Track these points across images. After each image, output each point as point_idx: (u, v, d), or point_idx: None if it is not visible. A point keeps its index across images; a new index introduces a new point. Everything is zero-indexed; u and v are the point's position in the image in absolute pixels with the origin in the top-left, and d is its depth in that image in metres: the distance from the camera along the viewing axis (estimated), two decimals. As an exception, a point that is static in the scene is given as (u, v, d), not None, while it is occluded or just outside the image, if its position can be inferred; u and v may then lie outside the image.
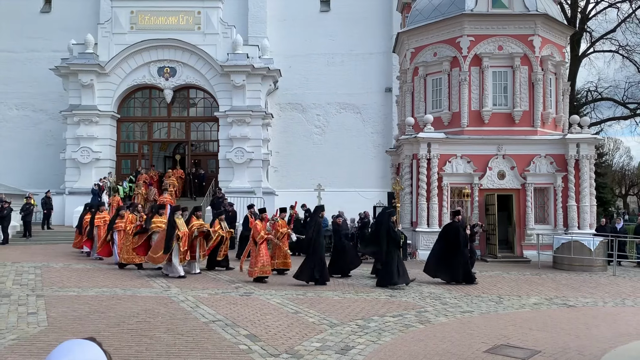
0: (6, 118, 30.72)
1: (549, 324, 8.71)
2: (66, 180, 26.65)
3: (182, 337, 7.49)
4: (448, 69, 19.57)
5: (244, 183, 26.37)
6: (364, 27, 30.44)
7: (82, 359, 1.61)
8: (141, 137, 28.67)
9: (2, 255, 16.78)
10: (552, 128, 19.87)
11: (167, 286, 11.76)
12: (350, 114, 30.63)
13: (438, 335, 7.85)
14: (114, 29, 27.02)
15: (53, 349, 1.64)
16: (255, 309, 9.50)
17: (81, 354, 1.63)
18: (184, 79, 27.27)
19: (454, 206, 18.55)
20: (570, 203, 18.63)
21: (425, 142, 18.57)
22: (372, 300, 10.53)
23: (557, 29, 20.23)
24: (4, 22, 30.65)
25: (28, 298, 10.12)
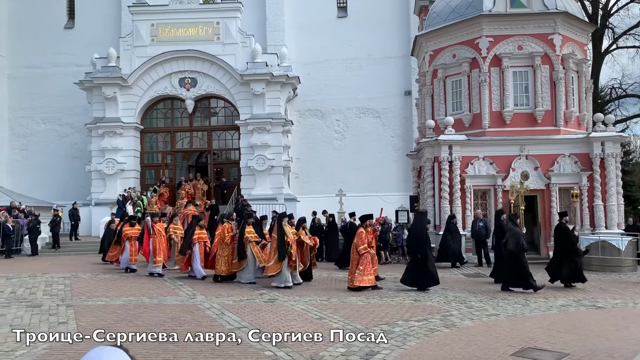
0: (34, 132, 31.49)
1: (577, 326, 8.57)
2: (92, 191, 27.17)
3: (208, 344, 7.57)
4: (467, 71, 19.45)
5: (266, 190, 26.54)
6: (381, 32, 30.44)
7: None
8: (164, 148, 29.09)
9: (32, 266, 17.16)
10: (575, 127, 19.57)
11: (193, 294, 11.90)
12: (370, 118, 30.61)
13: (464, 339, 7.79)
14: (135, 42, 27.52)
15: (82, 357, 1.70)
16: (279, 315, 9.55)
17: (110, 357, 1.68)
18: (204, 89, 27.62)
19: (477, 208, 18.38)
20: (596, 202, 18.30)
21: (446, 145, 18.46)
22: (396, 305, 10.50)
23: (578, 27, 19.96)
24: (30, 40, 31.48)
25: (58, 308, 10.35)
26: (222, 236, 13.82)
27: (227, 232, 13.77)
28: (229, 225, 13.96)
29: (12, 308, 10.36)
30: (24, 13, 31.79)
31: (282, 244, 12.55)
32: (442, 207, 18.44)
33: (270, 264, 12.69)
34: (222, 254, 13.78)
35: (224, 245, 13.78)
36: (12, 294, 12.01)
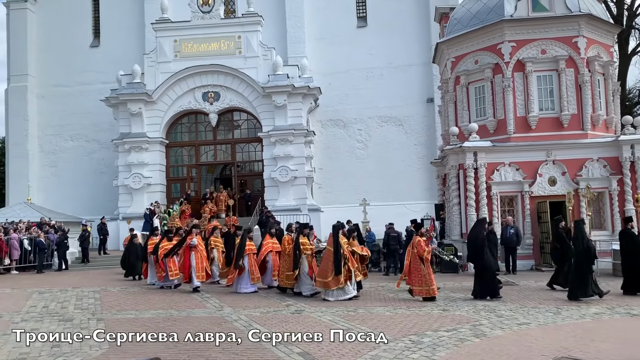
0: (62, 149, 32.24)
1: (612, 334, 8.35)
2: (120, 206, 27.63)
3: (237, 356, 7.59)
4: (490, 76, 19.28)
5: (290, 201, 26.62)
6: (401, 40, 30.44)
7: None
8: (189, 161, 29.47)
9: (63, 281, 17.48)
10: (603, 130, 19.20)
11: (220, 306, 11.96)
12: (392, 126, 30.54)
13: (495, 349, 7.65)
14: (159, 58, 28.04)
15: None
16: (307, 326, 9.52)
17: None
18: (227, 102, 27.94)
19: (504, 215, 18.12)
20: (627, 207, 17.87)
21: (471, 152, 18.28)
22: (424, 315, 10.38)
23: (603, 28, 19.64)
24: (57, 59, 32.33)
25: (89, 321, 10.50)
26: (284, 248, 13.68)
27: (288, 243, 13.57)
28: (288, 237, 13.77)
29: (45, 322, 10.54)
30: (51, 33, 32.69)
31: (338, 258, 12.07)
32: (468, 215, 18.22)
33: (329, 279, 12.15)
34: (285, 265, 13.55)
35: (286, 256, 13.54)
36: (45, 308, 12.24)
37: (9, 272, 20.01)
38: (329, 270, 12.17)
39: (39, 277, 19.02)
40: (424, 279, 11.98)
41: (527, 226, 17.96)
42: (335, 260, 12.11)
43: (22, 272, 20.25)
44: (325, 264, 12.47)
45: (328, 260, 12.35)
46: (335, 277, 12.07)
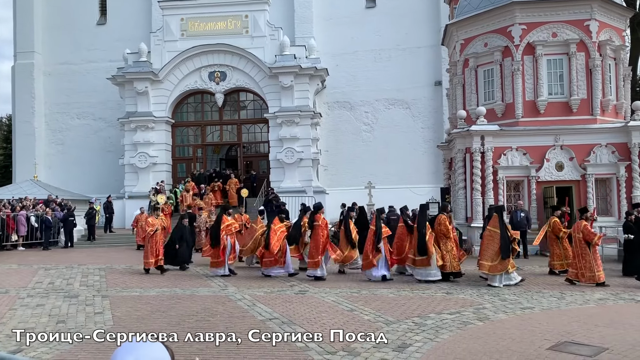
0: (69, 127, 32.27)
1: (616, 320, 8.33)
2: (125, 184, 27.72)
3: (241, 335, 7.62)
4: (500, 59, 19.03)
5: (295, 183, 26.61)
6: (410, 21, 30.06)
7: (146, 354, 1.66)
8: (195, 141, 29.44)
9: (69, 258, 17.63)
10: (612, 116, 18.97)
11: (225, 285, 12.02)
12: (399, 109, 30.32)
13: (498, 332, 7.65)
14: (165, 37, 27.85)
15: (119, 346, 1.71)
16: (310, 307, 9.56)
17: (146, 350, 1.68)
18: (234, 82, 27.79)
19: (510, 200, 18.04)
20: (635, 193, 17.72)
21: (478, 135, 18.13)
22: (428, 298, 10.39)
23: (616, 12, 19.29)
24: (64, 36, 32.19)
25: (94, 298, 10.59)
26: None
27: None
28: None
29: (51, 298, 10.65)
30: (58, 11, 32.49)
31: (506, 241, 11.65)
32: (474, 199, 18.15)
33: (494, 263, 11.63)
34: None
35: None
36: (51, 284, 12.35)
37: (15, 249, 20.19)
38: (495, 254, 11.60)
39: (45, 253, 19.18)
40: (589, 265, 11.59)
41: (532, 211, 17.88)
42: (503, 244, 11.58)
43: (28, 248, 20.43)
44: (487, 246, 11.90)
45: (491, 242, 11.82)
46: (503, 262, 11.51)
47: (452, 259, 12.37)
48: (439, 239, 12.53)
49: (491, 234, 11.95)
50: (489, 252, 11.79)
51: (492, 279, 11.60)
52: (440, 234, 12.52)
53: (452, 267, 12.34)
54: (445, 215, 12.88)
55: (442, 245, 12.45)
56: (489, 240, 11.93)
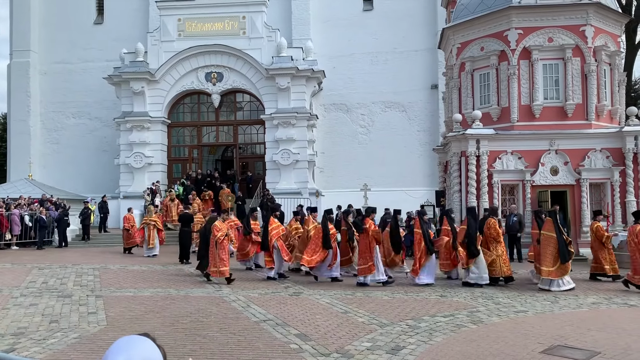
0: (64, 126, 32.17)
1: (608, 324, 8.36)
2: (121, 184, 27.65)
3: (234, 336, 7.63)
4: (496, 64, 19.11)
5: (291, 184, 26.61)
6: (407, 24, 30.14)
7: (138, 354, 1.66)
8: (191, 142, 29.41)
9: (63, 257, 17.56)
10: (607, 121, 19.08)
11: (219, 286, 12.01)
12: (395, 112, 30.39)
13: (491, 335, 7.68)
14: (162, 37, 27.83)
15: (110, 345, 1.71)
16: (305, 308, 9.57)
17: (137, 349, 1.68)
18: (230, 83, 27.78)
19: (505, 203, 18.10)
20: (629, 198, 17.83)
21: (474, 139, 18.18)
22: (422, 300, 10.41)
23: (611, 18, 19.41)
24: (60, 35, 32.11)
25: (88, 298, 10.56)
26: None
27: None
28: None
29: (44, 298, 10.61)
30: (54, 10, 32.43)
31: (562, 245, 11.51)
32: (469, 203, 18.19)
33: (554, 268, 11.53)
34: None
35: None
36: (44, 284, 12.31)
37: (9, 248, 20.11)
38: (553, 258, 11.46)
39: (39, 253, 19.10)
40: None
41: (527, 215, 17.94)
42: (561, 248, 11.43)
43: (22, 247, 20.34)
44: (544, 251, 11.71)
45: (547, 247, 11.66)
46: (562, 266, 11.38)
47: (501, 263, 12.25)
48: (488, 243, 12.41)
49: (546, 238, 11.80)
50: (547, 256, 11.62)
51: (551, 283, 11.48)
52: (490, 238, 12.38)
53: (502, 271, 12.22)
54: (494, 219, 12.73)
55: (491, 249, 12.31)
56: (545, 244, 11.76)
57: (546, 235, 11.83)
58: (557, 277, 11.43)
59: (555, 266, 11.41)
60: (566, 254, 11.44)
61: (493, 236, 12.38)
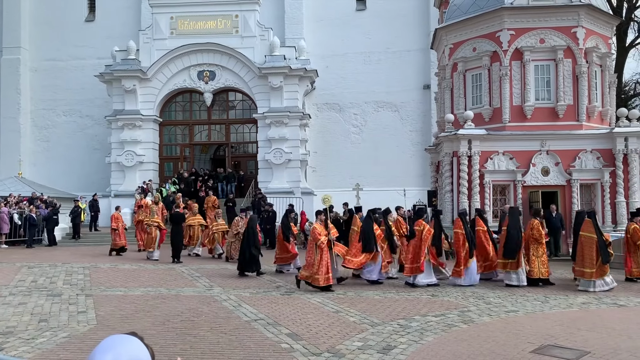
0: (55, 124, 31.93)
1: (598, 324, 8.42)
2: (112, 183, 27.49)
3: (225, 336, 7.60)
4: (488, 64, 19.19)
5: (283, 183, 26.57)
6: (400, 24, 30.19)
7: (125, 353, 1.65)
8: (183, 140, 29.30)
9: (52, 256, 17.44)
10: (598, 122, 19.21)
11: (210, 285, 11.96)
12: (388, 112, 30.43)
13: (482, 335, 7.70)
14: (154, 35, 27.69)
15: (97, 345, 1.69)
16: (296, 308, 9.55)
17: (124, 348, 1.67)
18: (223, 82, 27.70)
19: (496, 204, 18.17)
20: (619, 199, 17.97)
21: (465, 139, 18.25)
22: (413, 300, 10.43)
23: (602, 20, 19.54)
24: (51, 32, 31.87)
25: (78, 297, 10.48)
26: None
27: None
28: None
29: (33, 297, 10.52)
30: (45, 6, 32.18)
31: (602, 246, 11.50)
32: (460, 203, 18.25)
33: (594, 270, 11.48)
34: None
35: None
36: (33, 282, 12.21)
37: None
38: (593, 259, 11.40)
39: (28, 251, 18.95)
40: None
41: (518, 215, 18.00)
42: (601, 249, 11.43)
43: (11, 246, 20.17)
44: (584, 252, 11.67)
45: (587, 248, 11.60)
46: (603, 267, 11.34)
47: (540, 265, 12.15)
48: (529, 244, 12.27)
49: (586, 239, 11.72)
50: (587, 258, 11.58)
51: (591, 284, 11.43)
52: (532, 239, 12.25)
53: (540, 273, 12.13)
54: (538, 220, 12.62)
55: (532, 251, 12.18)
56: (585, 245, 11.71)
57: (586, 236, 11.74)
58: (598, 277, 11.43)
59: (594, 267, 11.40)
60: (607, 255, 11.44)
61: (535, 237, 12.22)
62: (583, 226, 12.06)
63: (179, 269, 14.78)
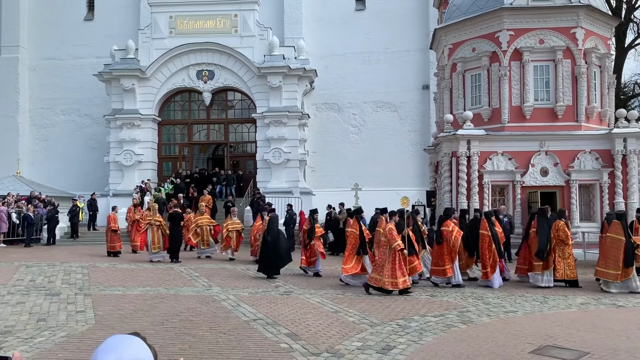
0: (54, 123, 31.87)
1: (597, 324, 8.42)
2: (110, 182, 27.44)
3: (224, 336, 7.59)
4: (487, 65, 19.19)
5: (282, 183, 26.55)
6: (400, 25, 30.18)
7: (128, 353, 1.64)
8: (181, 140, 29.27)
9: (51, 255, 17.41)
10: (597, 123, 19.22)
11: (209, 285, 11.95)
12: (387, 112, 30.42)
13: (481, 335, 7.70)
14: (153, 34, 27.66)
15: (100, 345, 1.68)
16: (295, 308, 9.54)
17: (127, 348, 1.66)
18: (222, 81, 27.68)
19: (495, 204, 18.17)
20: (617, 200, 17.98)
21: (464, 140, 18.24)
22: (412, 300, 10.42)
23: (601, 20, 19.56)
24: (51, 31, 31.82)
25: (76, 297, 10.46)
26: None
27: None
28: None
29: (32, 296, 10.50)
30: (44, 5, 32.13)
31: (629, 248, 11.46)
32: (459, 203, 18.25)
33: (619, 272, 11.50)
34: None
35: None
36: (32, 282, 12.18)
37: (-4, 245, 19.90)
38: (618, 261, 11.39)
39: (26, 250, 18.92)
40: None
41: (517, 216, 18.04)
42: (628, 252, 11.40)
43: (10, 245, 20.13)
44: (609, 254, 11.66)
45: (613, 250, 11.59)
46: (626, 270, 11.35)
47: (566, 266, 12.17)
48: (555, 245, 12.28)
49: (613, 241, 11.70)
50: (612, 259, 11.56)
51: (614, 286, 11.45)
52: (559, 240, 12.25)
53: (565, 274, 12.15)
54: (564, 221, 12.61)
55: (558, 252, 12.20)
56: (612, 247, 11.69)
57: (614, 238, 11.70)
58: (621, 280, 11.39)
59: (619, 270, 11.38)
60: (632, 259, 11.41)
61: (561, 238, 12.22)
62: (611, 227, 11.98)
63: (177, 268, 14.76)
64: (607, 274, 11.59)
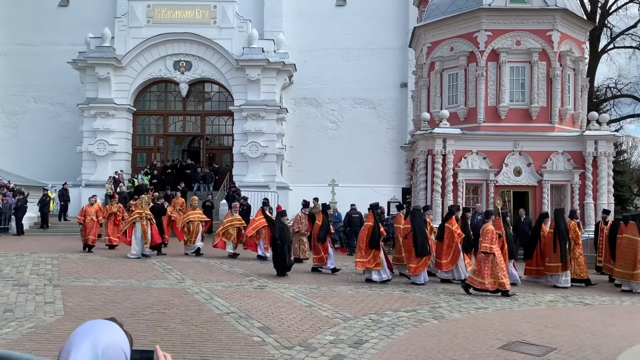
0: (25, 111, 31.10)
1: (564, 321, 8.61)
2: (83, 172, 26.94)
3: (197, 328, 7.53)
4: (465, 64, 19.39)
5: (258, 177, 26.44)
6: (380, 22, 30.27)
7: (104, 337, 1.61)
8: (157, 131, 28.89)
9: (19, 245, 17.02)
10: (570, 125, 19.61)
11: (182, 278, 11.84)
12: (365, 109, 30.52)
13: (452, 330, 7.80)
14: (130, 23, 27.19)
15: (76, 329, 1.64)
16: (269, 301, 9.52)
17: (104, 332, 1.63)
18: (199, 72, 27.37)
19: (469, 202, 18.40)
20: (587, 201, 18.39)
21: (440, 138, 18.42)
22: (385, 295, 10.50)
23: (577, 24, 19.93)
24: (23, 16, 30.99)
25: (45, 288, 10.26)
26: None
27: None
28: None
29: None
30: (18, -11, 31.24)
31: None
32: (434, 200, 18.44)
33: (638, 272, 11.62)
34: None
35: None
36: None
37: (-38, 234, 19.36)
38: (635, 262, 11.50)
39: (-6, 240, 18.45)
40: None
41: (490, 214, 18.27)
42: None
43: (-24, 234, 19.61)
44: (625, 254, 11.82)
45: (629, 250, 11.72)
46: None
47: (576, 266, 12.29)
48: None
49: (630, 241, 11.78)
50: (628, 259, 11.65)
51: (633, 286, 11.57)
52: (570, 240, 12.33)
53: (576, 273, 12.26)
54: (574, 221, 12.73)
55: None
56: (627, 247, 11.78)
57: (630, 238, 11.83)
58: (638, 280, 11.54)
59: (638, 270, 11.48)
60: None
61: (572, 238, 12.33)
62: (627, 228, 12.09)
63: (150, 261, 14.58)
64: (623, 274, 11.72)
